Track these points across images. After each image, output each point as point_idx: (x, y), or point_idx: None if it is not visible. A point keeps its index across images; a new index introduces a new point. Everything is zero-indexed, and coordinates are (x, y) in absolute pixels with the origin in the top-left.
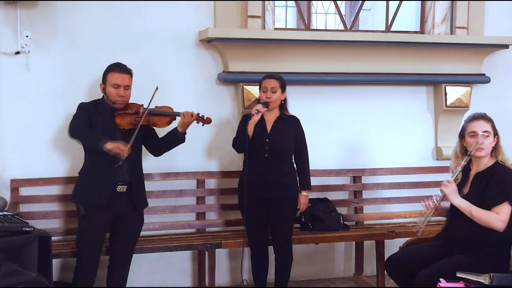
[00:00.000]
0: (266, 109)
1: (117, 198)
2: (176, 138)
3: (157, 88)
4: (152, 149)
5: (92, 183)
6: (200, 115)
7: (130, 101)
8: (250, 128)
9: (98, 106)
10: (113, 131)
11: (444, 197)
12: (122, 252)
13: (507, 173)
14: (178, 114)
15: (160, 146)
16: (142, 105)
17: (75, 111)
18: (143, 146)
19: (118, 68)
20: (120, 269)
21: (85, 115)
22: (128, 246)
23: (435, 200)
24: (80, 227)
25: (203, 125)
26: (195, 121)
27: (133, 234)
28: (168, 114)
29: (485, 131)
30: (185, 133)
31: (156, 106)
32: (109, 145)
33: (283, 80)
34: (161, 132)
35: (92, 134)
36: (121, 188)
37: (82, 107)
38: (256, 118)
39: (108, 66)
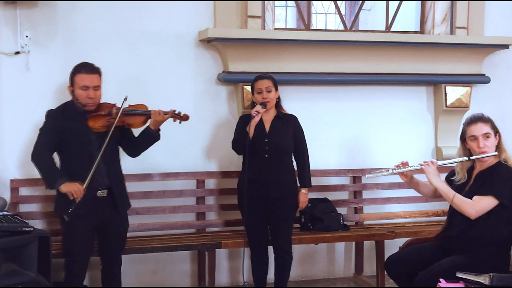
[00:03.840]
0: (265, 109)
1: (99, 203)
2: (150, 136)
3: (125, 99)
4: (129, 150)
5: None
6: (176, 112)
7: (102, 101)
8: (251, 130)
9: (68, 111)
10: (87, 135)
11: (418, 172)
12: (111, 254)
13: (506, 172)
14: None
15: (136, 146)
16: (114, 105)
17: (43, 121)
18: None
19: (85, 68)
20: (112, 271)
21: (52, 132)
22: (116, 247)
23: (406, 164)
24: (66, 235)
25: (180, 123)
26: (172, 119)
27: (119, 235)
28: (142, 113)
29: (485, 133)
30: (159, 129)
31: (129, 105)
32: (64, 188)
33: (274, 79)
34: (138, 132)
35: (50, 171)
36: (101, 193)
37: (49, 115)
38: (256, 119)
39: (75, 67)
